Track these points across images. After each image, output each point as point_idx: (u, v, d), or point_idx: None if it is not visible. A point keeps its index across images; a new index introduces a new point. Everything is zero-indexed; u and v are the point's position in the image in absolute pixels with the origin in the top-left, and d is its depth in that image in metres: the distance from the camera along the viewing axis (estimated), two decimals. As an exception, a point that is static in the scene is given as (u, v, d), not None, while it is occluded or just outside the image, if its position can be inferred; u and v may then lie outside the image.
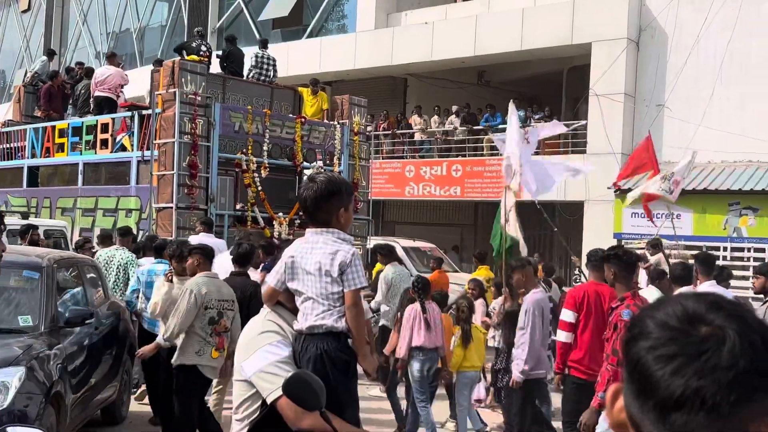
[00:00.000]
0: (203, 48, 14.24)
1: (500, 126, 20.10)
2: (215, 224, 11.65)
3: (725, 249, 15.24)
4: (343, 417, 2.86)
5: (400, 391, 7.92)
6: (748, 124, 16.14)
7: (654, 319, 0.99)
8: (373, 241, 13.71)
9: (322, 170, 12.65)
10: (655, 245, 11.28)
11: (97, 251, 10.25)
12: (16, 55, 39.76)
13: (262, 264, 7.74)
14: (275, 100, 14.39)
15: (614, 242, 16.11)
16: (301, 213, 12.77)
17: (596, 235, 16.37)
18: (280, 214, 12.79)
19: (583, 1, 18.49)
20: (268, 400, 2.89)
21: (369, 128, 22.61)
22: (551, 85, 22.30)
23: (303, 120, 13.66)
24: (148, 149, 12.48)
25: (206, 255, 6.50)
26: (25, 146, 15.55)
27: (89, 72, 15.53)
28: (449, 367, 7.40)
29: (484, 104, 21.64)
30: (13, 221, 10.31)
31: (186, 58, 13.43)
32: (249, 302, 6.36)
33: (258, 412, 2.96)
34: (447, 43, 20.32)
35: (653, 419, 0.95)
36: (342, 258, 3.05)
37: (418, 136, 21.89)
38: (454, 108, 21.52)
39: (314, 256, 3.08)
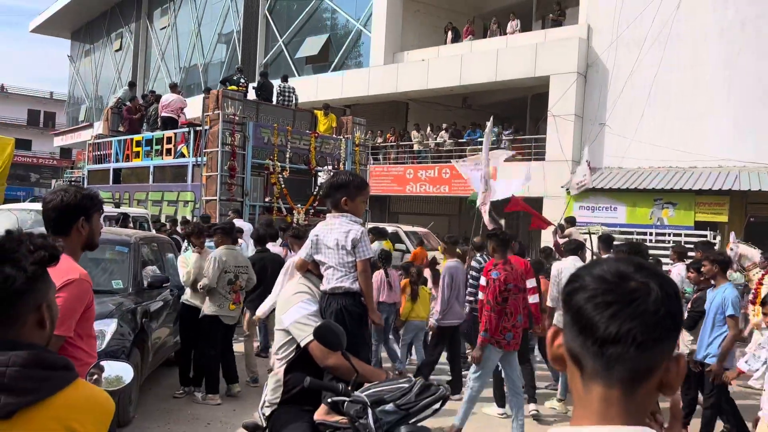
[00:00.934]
0: (242, 80, 14.50)
1: (479, 139, 20.09)
2: (249, 212, 12.25)
3: (651, 234, 15.20)
4: (358, 356, 2.87)
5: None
6: (669, 138, 16.07)
7: (592, 276, 0.98)
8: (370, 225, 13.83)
9: (348, 172, 13.00)
10: (570, 221, 11.44)
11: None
12: (111, 84, 39.83)
13: (283, 241, 7.81)
14: (296, 120, 14.59)
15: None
16: (314, 204, 13.24)
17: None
18: (299, 205, 13.17)
19: (543, 44, 18.41)
20: (302, 344, 2.92)
21: (378, 140, 22.63)
22: (519, 108, 22.20)
23: (316, 135, 13.93)
24: (200, 156, 12.73)
25: (225, 232, 6.69)
26: (111, 153, 15.87)
27: (158, 98, 15.76)
28: (400, 316, 7.67)
29: (467, 122, 21.59)
30: (108, 209, 10.36)
31: (228, 88, 13.69)
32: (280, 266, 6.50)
33: (293, 354, 2.98)
34: (439, 75, 20.24)
35: (593, 353, 0.95)
36: (354, 235, 3.08)
37: (416, 147, 21.84)
38: (444, 125, 21.46)
39: (333, 234, 3.11)
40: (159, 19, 36.06)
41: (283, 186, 12.95)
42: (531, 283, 6.25)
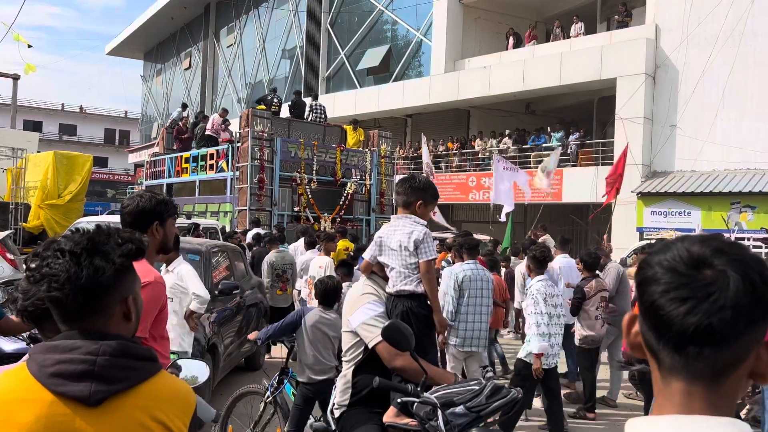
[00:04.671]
0: (275, 100, 15.66)
1: (544, 144, 19.76)
2: (277, 221, 13.36)
3: (729, 239, 14.52)
4: (426, 358, 2.84)
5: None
6: (745, 139, 15.41)
7: (662, 266, 0.91)
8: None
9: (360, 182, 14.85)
10: (544, 228, 12.58)
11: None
12: (181, 102, 41.23)
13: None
14: (327, 135, 15.54)
15: (637, 235, 15.62)
16: (341, 213, 14.07)
17: (623, 229, 15.85)
18: (325, 213, 13.98)
19: (609, 46, 17.99)
20: (369, 345, 2.89)
21: (440, 148, 22.58)
22: (584, 112, 21.74)
23: (342, 148, 14.82)
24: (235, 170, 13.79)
25: (273, 241, 9.09)
26: (164, 170, 17.04)
27: (205, 118, 17.11)
28: None
29: (531, 128, 21.29)
30: (180, 220, 10.71)
31: (257, 107, 14.89)
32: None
33: (361, 355, 2.97)
34: (501, 81, 20.07)
35: (670, 349, 0.89)
36: (416, 236, 3.02)
37: (480, 154, 21.67)
38: (507, 131, 21.22)
39: (396, 235, 3.07)
40: (225, 37, 37.23)
41: (310, 196, 13.81)
42: None
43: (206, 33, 38.54)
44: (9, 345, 4.74)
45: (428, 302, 3.09)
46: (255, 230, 11.11)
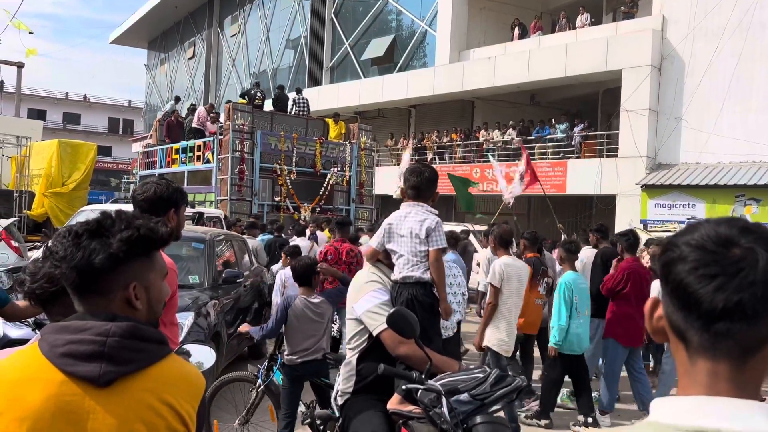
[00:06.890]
0: (258, 94, 16.24)
1: (548, 136, 19.70)
2: (257, 210, 13.89)
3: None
4: (431, 347, 2.83)
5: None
6: (751, 131, 15.33)
7: (690, 245, 0.91)
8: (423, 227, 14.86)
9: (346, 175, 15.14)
10: (506, 223, 12.77)
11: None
12: (185, 91, 41.21)
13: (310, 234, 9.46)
14: (309, 128, 16.07)
15: (641, 227, 15.59)
16: (320, 203, 14.45)
17: (626, 222, 15.81)
18: (305, 203, 14.48)
19: (615, 38, 17.89)
20: (374, 333, 2.88)
21: (444, 139, 22.53)
22: (589, 103, 21.66)
23: (322, 140, 15.33)
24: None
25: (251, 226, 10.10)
26: (156, 161, 17.33)
27: (193, 111, 17.46)
28: None
29: (536, 119, 21.22)
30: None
31: (239, 101, 15.39)
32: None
33: (366, 343, 2.96)
34: (506, 72, 19.98)
35: (699, 327, 0.89)
36: (429, 224, 3.00)
37: (483, 146, 21.61)
38: (511, 123, 21.16)
39: (407, 222, 3.04)
40: (229, 26, 37.14)
41: (290, 187, 14.28)
42: None
43: (210, 22, 38.45)
44: (14, 331, 4.77)
45: (434, 290, 3.06)
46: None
